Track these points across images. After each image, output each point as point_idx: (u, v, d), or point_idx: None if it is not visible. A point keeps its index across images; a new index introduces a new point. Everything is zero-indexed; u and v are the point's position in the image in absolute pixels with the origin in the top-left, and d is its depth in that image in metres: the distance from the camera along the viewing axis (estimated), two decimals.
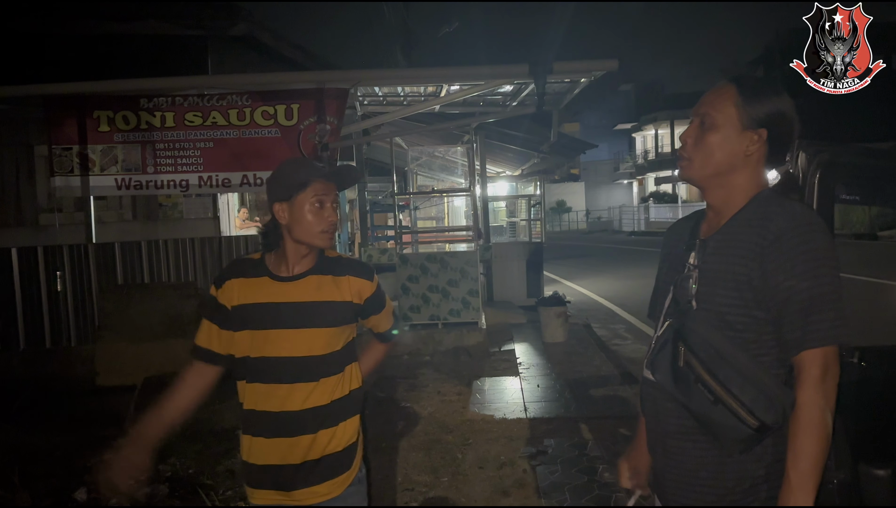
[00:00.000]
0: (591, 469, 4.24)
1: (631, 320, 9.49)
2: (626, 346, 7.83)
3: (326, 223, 1.90)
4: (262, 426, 1.90)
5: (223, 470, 4.15)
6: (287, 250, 1.94)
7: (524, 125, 10.78)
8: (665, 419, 1.62)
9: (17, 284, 7.08)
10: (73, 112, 7.07)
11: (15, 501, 3.73)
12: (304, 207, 1.89)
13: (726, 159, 1.57)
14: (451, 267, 7.64)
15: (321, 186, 1.90)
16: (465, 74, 7.37)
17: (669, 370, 1.55)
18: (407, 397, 5.83)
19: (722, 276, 1.52)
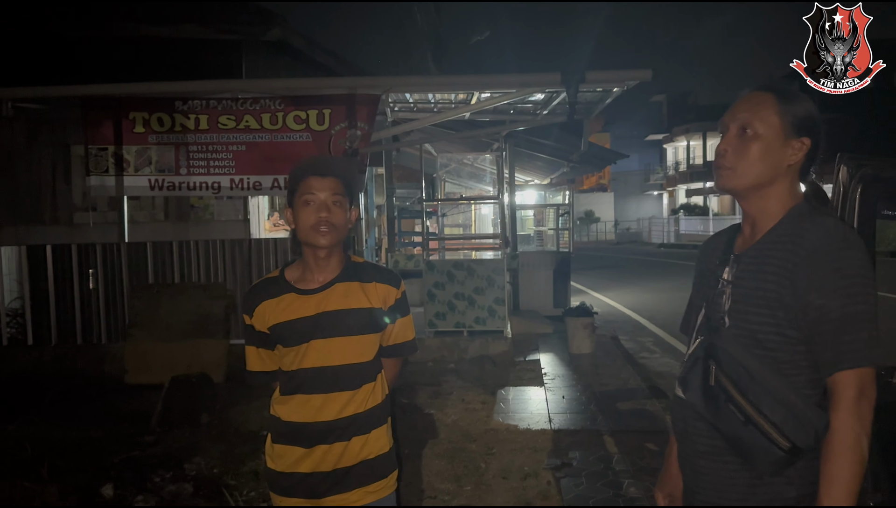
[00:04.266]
0: (617, 484, 4.18)
1: (659, 333, 9.37)
2: (654, 359, 7.73)
3: (315, 218, 1.86)
4: (295, 436, 1.90)
5: (247, 471, 4.16)
6: (307, 256, 1.94)
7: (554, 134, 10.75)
8: (695, 439, 1.58)
9: (50, 281, 7.21)
10: (109, 113, 7.21)
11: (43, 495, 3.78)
12: (298, 205, 1.89)
13: (768, 169, 1.53)
14: (478, 275, 7.61)
15: (314, 182, 1.88)
16: (496, 82, 7.36)
17: (700, 389, 1.52)
18: (431, 404, 5.81)
19: (754, 293, 1.48)
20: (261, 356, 1.98)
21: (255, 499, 3.68)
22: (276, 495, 1.94)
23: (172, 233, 8.93)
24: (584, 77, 6.62)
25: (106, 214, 8.92)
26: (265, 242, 7.65)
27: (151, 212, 9.27)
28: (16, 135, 9.15)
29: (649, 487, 4.11)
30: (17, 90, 7.32)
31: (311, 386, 1.88)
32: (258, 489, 3.88)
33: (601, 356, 7.68)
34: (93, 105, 7.24)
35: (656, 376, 6.92)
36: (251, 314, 1.95)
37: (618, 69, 6.98)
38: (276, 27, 8.78)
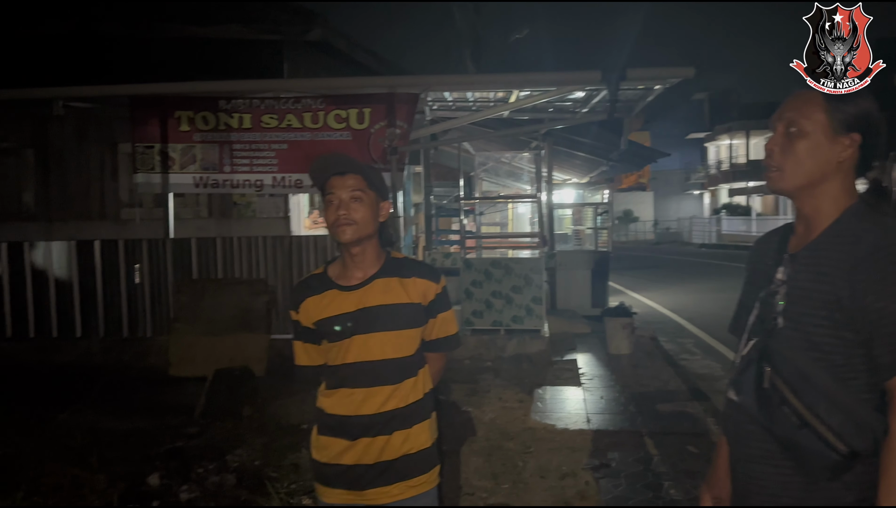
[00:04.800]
0: (657, 485, 4.14)
1: (701, 335, 9.23)
2: (694, 361, 7.62)
3: (335, 216, 1.90)
4: (338, 429, 1.93)
5: (288, 464, 4.23)
6: (343, 253, 1.97)
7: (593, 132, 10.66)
8: (747, 442, 1.55)
9: (98, 275, 7.42)
10: (155, 112, 7.38)
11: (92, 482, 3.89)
12: (325, 205, 1.94)
13: (818, 168, 1.50)
14: (516, 273, 7.59)
15: (334, 181, 1.92)
16: (535, 80, 7.34)
17: (753, 391, 1.49)
18: (468, 401, 5.82)
19: (810, 294, 1.45)
20: (307, 350, 2.02)
21: (296, 492, 3.74)
22: (320, 485, 1.98)
23: (215, 229, 9.10)
24: (625, 75, 6.55)
25: (152, 210, 9.13)
26: (305, 239, 7.75)
27: (196, 209, 9.46)
28: (66, 133, 9.43)
29: (690, 490, 4.06)
30: (67, 89, 7.54)
31: (354, 380, 1.92)
32: (299, 481, 3.94)
33: (640, 357, 7.60)
34: (140, 104, 7.43)
35: (697, 378, 6.83)
36: (297, 310, 1.99)
37: (659, 66, 6.90)
38: (318, 27, 8.88)
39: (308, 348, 2.02)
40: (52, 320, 7.45)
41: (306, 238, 7.76)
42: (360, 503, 1.93)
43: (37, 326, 7.45)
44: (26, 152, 9.59)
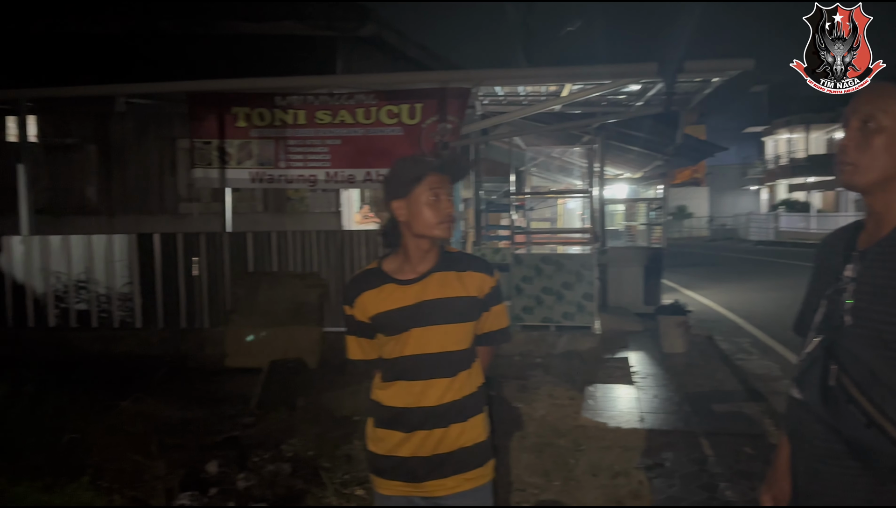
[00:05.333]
0: (712, 486, 4.05)
1: (758, 334, 8.98)
2: (751, 361, 7.42)
3: (443, 214, 1.93)
4: (396, 421, 1.95)
5: (341, 455, 4.28)
6: (409, 247, 1.97)
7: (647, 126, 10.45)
8: (811, 441, 1.51)
9: (158, 267, 7.64)
10: (213, 108, 7.55)
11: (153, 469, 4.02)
12: (420, 200, 1.92)
13: (894, 164, 1.44)
14: (567, 269, 7.52)
15: (435, 179, 1.93)
16: (589, 74, 7.24)
17: (818, 389, 1.46)
18: (518, 397, 5.80)
19: (881, 291, 1.40)
20: (361, 345, 2.04)
21: (350, 482, 3.79)
22: (376, 477, 2.00)
23: (270, 224, 9.28)
24: (682, 67, 6.42)
25: (209, 204, 9.36)
26: (356, 233, 7.82)
27: (251, 203, 9.66)
28: (127, 129, 9.75)
29: (746, 491, 3.97)
30: (129, 86, 7.79)
31: (412, 373, 1.93)
32: (352, 472, 3.98)
33: (695, 356, 7.44)
34: (198, 101, 7.61)
35: (754, 378, 6.65)
36: (352, 305, 2.00)
37: (718, 59, 6.72)
38: (371, 23, 8.95)
39: (362, 342, 2.04)
40: (113, 311, 7.71)
41: (357, 233, 7.84)
42: (418, 494, 1.94)
43: (99, 316, 7.72)
44: (89, 148, 9.94)
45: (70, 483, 3.44)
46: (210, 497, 3.44)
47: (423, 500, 1.95)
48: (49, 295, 7.71)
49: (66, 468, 3.74)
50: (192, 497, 3.39)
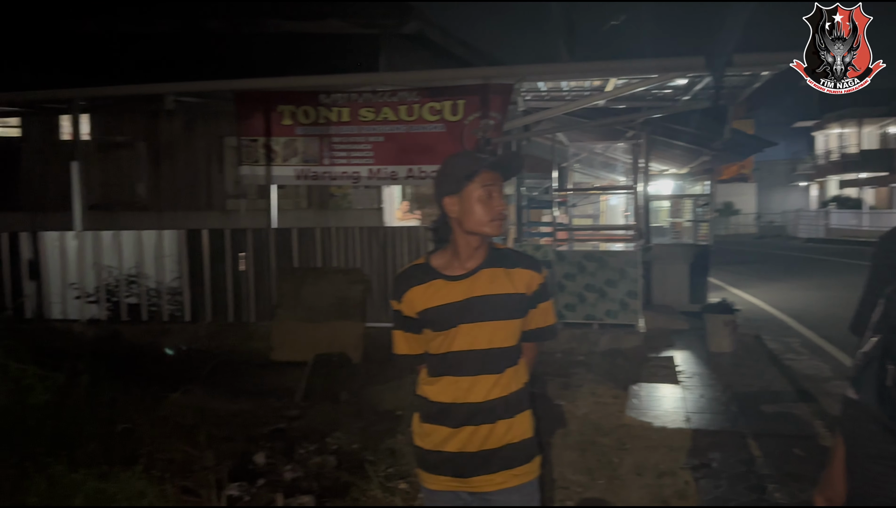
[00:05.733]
0: (760, 487, 3.97)
1: (807, 334, 8.76)
2: (801, 361, 7.24)
3: (496, 212, 1.93)
4: (443, 416, 1.95)
5: (385, 449, 4.31)
6: (459, 243, 1.97)
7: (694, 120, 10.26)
8: (867, 443, 1.47)
9: (206, 263, 7.80)
10: (259, 106, 7.68)
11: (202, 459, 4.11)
12: (472, 197, 1.92)
13: None
14: (610, 266, 7.44)
15: (488, 176, 1.93)
16: (634, 68, 7.15)
17: (875, 390, 1.42)
18: (560, 395, 5.76)
19: None
20: (407, 339, 2.05)
21: (393, 476, 3.82)
22: (423, 472, 2.01)
23: (314, 220, 9.40)
24: (731, 60, 6.28)
25: (255, 201, 9.52)
26: (399, 229, 7.88)
27: (296, 200, 9.80)
28: (176, 127, 9.97)
29: (796, 493, 3.88)
30: (177, 85, 7.97)
31: (460, 369, 1.93)
32: (396, 465, 4.02)
33: (743, 356, 7.29)
34: (245, 99, 7.75)
35: (804, 378, 6.49)
36: (399, 300, 2.02)
37: (767, 52, 6.56)
38: (413, 20, 8.99)
39: (408, 337, 2.05)
40: (163, 305, 7.91)
41: (400, 229, 7.89)
42: (465, 490, 1.95)
43: (149, 310, 7.93)
44: (139, 146, 10.20)
45: (124, 472, 3.54)
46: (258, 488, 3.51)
47: (470, 495, 1.96)
48: (101, 289, 7.94)
49: (119, 457, 3.85)
50: (240, 488, 3.46)
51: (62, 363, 4.91)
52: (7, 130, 11.58)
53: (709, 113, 9.00)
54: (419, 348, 2.04)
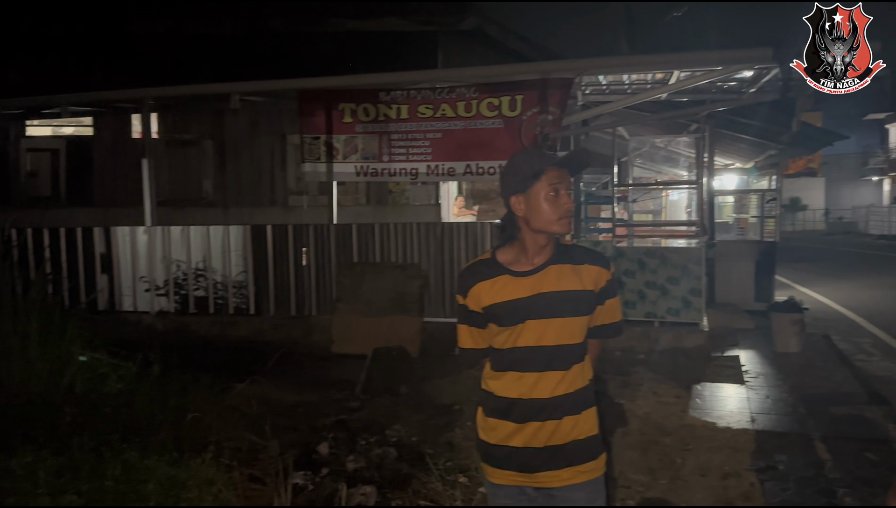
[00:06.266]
0: (830, 491, 3.85)
1: (880, 334, 8.41)
2: (872, 363, 6.97)
3: (563, 210, 1.92)
4: (508, 411, 1.96)
5: (444, 442, 4.36)
6: (526, 241, 1.97)
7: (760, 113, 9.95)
8: None
9: (270, 257, 7.99)
10: (321, 104, 7.82)
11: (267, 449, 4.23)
12: (539, 196, 1.91)
13: None
14: (672, 263, 7.29)
15: (555, 174, 1.92)
16: (698, 60, 6.98)
17: None
18: (620, 394, 5.70)
19: None
20: (472, 334, 2.06)
21: (452, 469, 3.85)
22: (488, 466, 2.02)
23: (372, 216, 9.52)
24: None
25: (316, 197, 9.70)
26: (456, 225, 7.90)
27: (355, 196, 9.94)
28: (240, 125, 10.24)
29: (868, 498, 3.76)
30: (243, 84, 8.17)
31: (525, 364, 1.93)
32: (454, 459, 4.05)
33: (811, 356, 7.06)
34: (307, 97, 7.90)
35: (876, 380, 6.25)
36: (465, 295, 2.02)
37: None
38: (471, 16, 8.99)
39: (473, 331, 2.06)
40: (229, 298, 8.14)
41: (457, 225, 7.92)
42: (530, 485, 1.95)
43: (215, 303, 8.17)
44: (206, 143, 10.51)
45: (193, 459, 3.67)
46: (322, 477, 3.59)
47: (535, 491, 1.96)
48: (170, 282, 8.23)
49: (189, 444, 3.99)
50: (304, 477, 3.55)
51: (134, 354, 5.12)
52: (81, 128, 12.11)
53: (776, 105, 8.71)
54: (484, 342, 2.05)
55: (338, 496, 3.24)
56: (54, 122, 11.95)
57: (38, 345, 4.75)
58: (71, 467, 3.60)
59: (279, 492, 3.26)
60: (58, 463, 3.62)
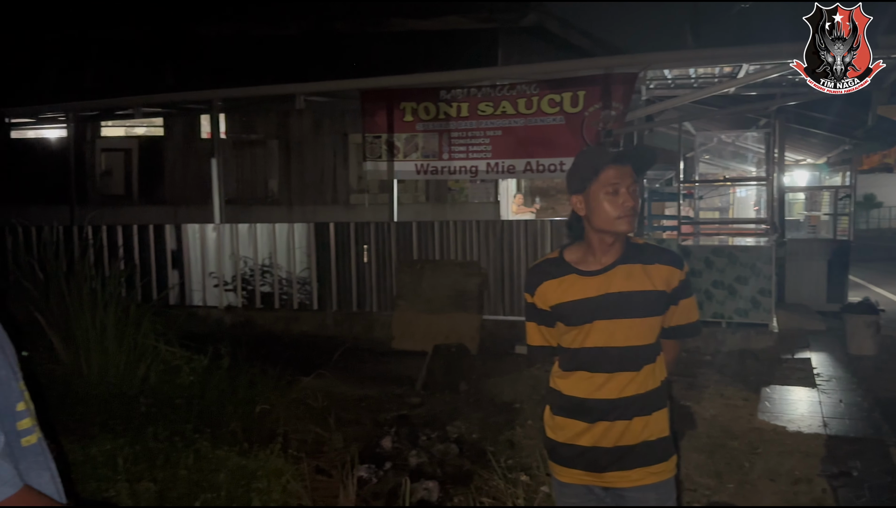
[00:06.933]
0: None
1: None
2: None
3: (622, 209, 1.88)
4: (577, 410, 1.95)
5: (504, 440, 4.35)
6: (591, 240, 1.95)
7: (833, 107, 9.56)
8: None
9: (332, 254, 8.14)
10: (382, 104, 7.91)
11: (331, 441, 4.31)
12: (598, 195, 1.89)
13: None
14: (741, 262, 7.09)
15: (614, 173, 1.89)
16: (768, 53, 6.77)
17: None
18: (686, 395, 5.57)
19: None
20: (541, 332, 2.06)
21: (514, 467, 3.85)
22: (555, 464, 2.01)
23: (431, 214, 9.59)
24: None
25: (377, 195, 9.83)
26: (516, 223, 7.88)
27: (414, 194, 10.03)
28: (304, 125, 10.46)
29: None
30: (308, 85, 8.34)
31: (594, 364, 1.92)
32: (515, 457, 4.04)
33: (886, 360, 6.75)
34: (369, 97, 8.00)
35: None
36: (532, 293, 2.02)
37: None
38: (532, 12, 8.95)
39: (542, 329, 2.05)
40: (293, 294, 8.33)
41: (517, 223, 7.89)
42: (598, 484, 1.94)
43: (280, 298, 8.38)
44: (271, 143, 10.79)
45: (262, 450, 3.78)
46: (385, 471, 3.64)
47: (604, 490, 1.94)
48: (237, 278, 8.48)
49: (258, 435, 4.11)
50: (368, 470, 3.61)
51: (204, 347, 5.29)
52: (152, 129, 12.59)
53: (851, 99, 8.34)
54: (553, 340, 2.05)
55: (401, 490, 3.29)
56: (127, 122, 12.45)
57: (115, 338, 4.96)
58: (146, 455, 3.76)
59: (345, 484, 3.33)
60: (134, 451, 3.79)
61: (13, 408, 1.06)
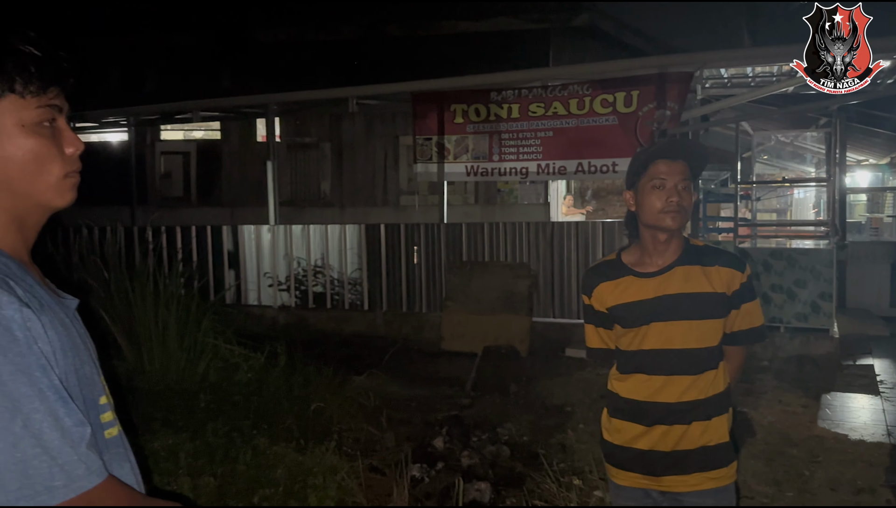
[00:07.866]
0: None
1: None
2: None
3: (665, 202, 1.85)
4: (634, 413, 1.94)
5: (555, 443, 4.34)
6: (645, 238, 1.94)
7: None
8: None
9: (383, 255, 8.23)
10: (433, 106, 7.96)
11: (383, 440, 4.37)
12: (645, 188, 1.89)
13: None
14: (800, 266, 6.90)
15: (662, 167, 1.87)
16: None
17: None
18: (742, 401, 5.45)
19: None
20: (599, 334, 2.06)
21: (566, 471, 3.83)
22: (612, 467, 2.01)
23: (481, 215, 9.61)
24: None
25: (426, 197, 9.89)
26: (566, 225, 7.83)
27: (464, 196, 10.06)
28: (356, 128, 10.60)
29: None
30: (360, 88, 8.44)
31: (652, 367, 1.91)
32: (567, 461, 4.03)
33: None
34: (420, 99, 8.07)
35: None
36: (590, 295, 2.02)
37: None
38: (584, 12, 8.88)
39: (600, 331, 2.05)
40: (345, 294, 8.45)
41: (567, 224, 7.84)
42: (655, 488, 1.92)
43: (332, 299, 8.51)
44: (324, 146, 10.96)
45: (317, 447, 3.86)
46: (437, 471, 3.67)
47: (661, 494, 1.93)
48: (291, 278, 8.64)
49: (313, 433, 4.19)
50: (421, 469, 3.64)
51: (260, 345, 5.42)
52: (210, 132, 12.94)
53: None
54: (612, 342, 2.04)
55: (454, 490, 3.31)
56: (186, 126, 12.83)
57: (176, 336, 5.13)
58: (206, 450, 3.87)
59: (398, 483, 3.37)
60: (194, 447, 3.90)
61: (97, 402, 1.12)
